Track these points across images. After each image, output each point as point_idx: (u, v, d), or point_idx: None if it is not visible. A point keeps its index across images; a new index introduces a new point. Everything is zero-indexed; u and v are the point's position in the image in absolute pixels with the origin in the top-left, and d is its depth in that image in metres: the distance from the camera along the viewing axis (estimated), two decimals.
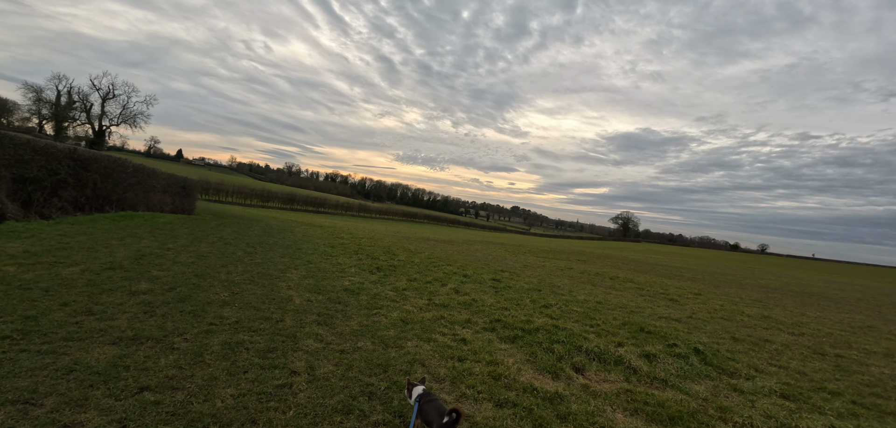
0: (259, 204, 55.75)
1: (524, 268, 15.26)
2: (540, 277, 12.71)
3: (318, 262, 10.18)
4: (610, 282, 13.86)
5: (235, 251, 10.13)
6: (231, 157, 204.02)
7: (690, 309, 10.07)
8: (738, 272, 28.18)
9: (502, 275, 12.01)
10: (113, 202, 16.57)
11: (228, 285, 6.47)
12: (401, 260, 12.31)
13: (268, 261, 9.33)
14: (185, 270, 7.09)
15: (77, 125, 60.32)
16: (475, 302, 7.45)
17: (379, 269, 10.03)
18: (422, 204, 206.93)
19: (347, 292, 7.07)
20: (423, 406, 2.81)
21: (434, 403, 2.81)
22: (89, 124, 61.13)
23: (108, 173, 15.83)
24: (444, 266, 12.23)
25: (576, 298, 9.53)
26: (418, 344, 4.80)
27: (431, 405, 2.78)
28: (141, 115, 62.23)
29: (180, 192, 23.93)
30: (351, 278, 8.44)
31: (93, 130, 61.04)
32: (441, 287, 8.68)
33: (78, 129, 60.47)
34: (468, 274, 11.07)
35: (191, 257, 8.44)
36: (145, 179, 18.78)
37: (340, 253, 12.43)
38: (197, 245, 10.26)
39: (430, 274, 10.32)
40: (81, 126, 60.83)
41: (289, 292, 6.56)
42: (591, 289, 11.56)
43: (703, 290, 14.43)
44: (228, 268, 7.88)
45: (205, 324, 4.51)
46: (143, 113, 62.28)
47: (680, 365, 5.23)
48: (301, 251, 11.73)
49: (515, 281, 11.07)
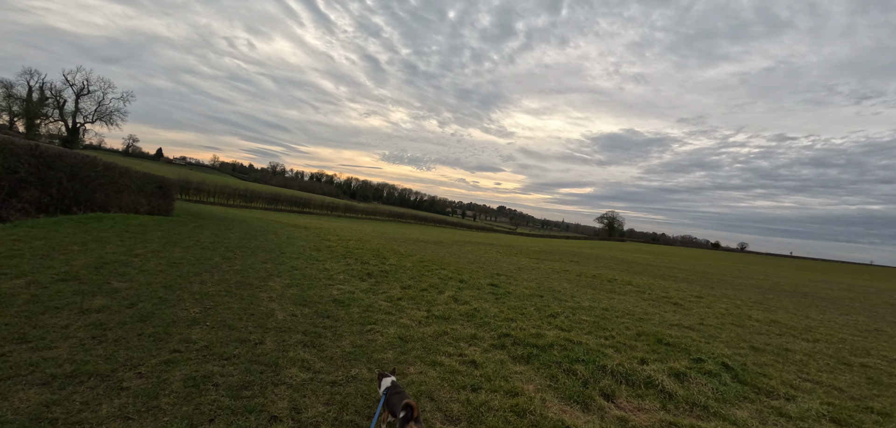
0: (242, 204, 54.15)
1: (519, 271, 14.69)
2: (538, 281, 12.14)
3: (304, 267, 9.41)
4: (609, 285, 13.38)
5: (212, 257, 9.28)
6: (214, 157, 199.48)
7: (698, 314, 9.61)
8: (728, 272, 28.18)
9: (499, 279, 11.40)
10: (81, 203, 15.46)
11: (201, 298, 5.68)
12: (392, 264, 11.60)
13: (248, 267, 8.53)
14: (151, 281, 6.26)
15: (50, 122, 57.65)
16: (477, 312, 6.80)
17: (370, 275, 9.30)
18: (408, 204, 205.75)
19: (337, 304, 6.34)
20: (390, 398, 2.88)
21: (400, 394, 2.86)
22: (62, 121, 58.52)
23: (75, 172, 14.72)
24: (438, 270, 11.56)
25: (581, 304, 8.97)
26: (422, 369, 4.12)
27: (397, 397, 2.83)
28: (117, 113, 59.73)
29: (157, 193, 22.71)
30: (340, 286, 7.71)
31: (66, 128, 58.39)
32: (438, 295, 8.01)
33: (50, 127, 57.81)
34: (464, 279, 10.42)
35: (160, 264, 7.60)
36: (117, 179, 17.63)
37: (327, 257, 11.65)
38: (170, 250, 9.38)
39: (425, 279, 9.64)
40: (54, 123, 58.17)
41: (270, 305, 5.81)
42: (593, 293, 11.03)
43: (703, 292, 14.06)
44: (203, 277, 7.07)
45: (167, 351, 3.75)
46: (120, 110, 59.80)
47: (714, 385, 4.67)
48: (285, 255, 10.92)
49: (514, 286, 10.47)
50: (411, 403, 2.62)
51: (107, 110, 60.12)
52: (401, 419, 2.60)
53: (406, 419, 2.58)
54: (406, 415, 2.58)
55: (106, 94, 59.23)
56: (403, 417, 2.59)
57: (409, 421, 2.58)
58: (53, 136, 56.90)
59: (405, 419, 2.58)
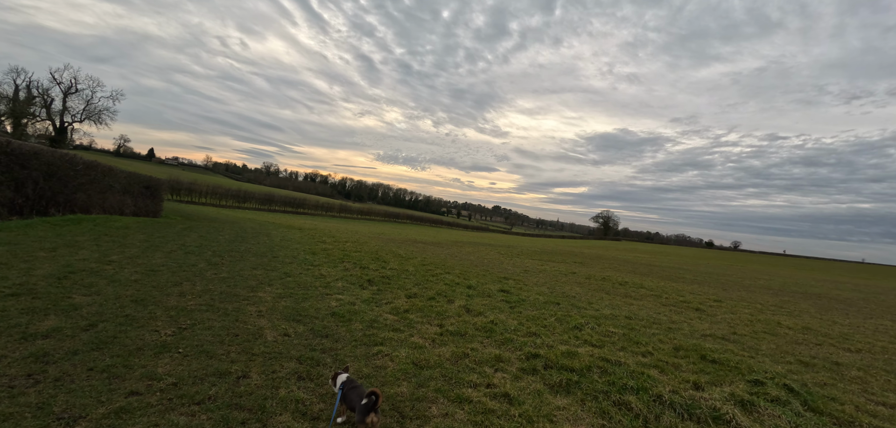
0: (235, 205, 53.04)
1: (526, 273, 13.94)
2: (549, 286, 11.38)
3: (298, 274, 8.58)
4: (622, 288, 12.66)
5: (197, 263, 8.42)
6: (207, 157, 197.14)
7: (726, 321, 8.90)
8: (732, 272, 27.63)
9: (508, 284, 10.64)
10: (60, 204, 14.51)
11: (176, 316, 4.84)
12: (393, 269, 10.79)
13: (236, 275, 7.68)
14: (121, 294, 5.41)
15: (37, 122, 56.04)
16: (495, 326, 6.02)
17: (370, 281, 8.49)
18: (404, 204, 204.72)
19: (336, 319, 5.53)
20: (347, 393, 2.85)
21: (357, 389, 2.85)
22: (50, 121, 56.95)
23: (52, 171, 13.77)
24: (443, 275, 10.77)
25: (602, 312, 8.22)
26: (447, 408, 3.32)
27: (354, 391, 2.81)
28: (107, 112, 58.18)
29: (144, 193, 21.73)
30: (339, 296, 6.89)
31: (54, 127, 56.84)
32: (448, 304, 7.21)
33: (38, 127, 56.21)
34: (472, 284, 9.64)
35: (136, 273, 6.74)
36: (100, 178, 16.65)
37: (324, 261, 10.81)
38: (150, 255, 8.51)
39: (431, 286, 8.85)
40: (42, 123, 56.58)
41: (259, 323, 4.98)
42: (610, 299, 10.30)
43: (720, 296, 13.38)
44: (183, 287, 6.22)
45: (122, 393, 2.92)
46: (109, 109, 58.24)
47: (789, 416, 3.92)
48: (277, 260, 10.07)
49: (525, 292, 9.71)
50: (377, 391, 2.62)
51: (96, 109, 58.51)
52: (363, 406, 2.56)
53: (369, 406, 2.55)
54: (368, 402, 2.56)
55: (95, 93, 57.64)
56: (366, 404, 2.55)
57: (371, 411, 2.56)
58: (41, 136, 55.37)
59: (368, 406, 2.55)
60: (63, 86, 56.37)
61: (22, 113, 54.02)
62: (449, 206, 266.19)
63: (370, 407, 2.59)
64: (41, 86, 55.41)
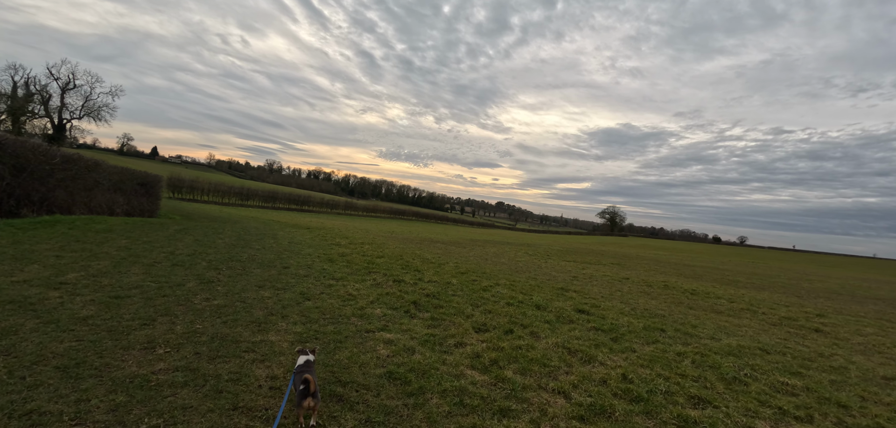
0: (238, 202, 51.08)
1: (575, 280, 11.82)
2: (622, 299, 9.24)
3: (318, 292, 6.49)
4: (695, 299, 10.53)
5: (185, 279, 6.35)
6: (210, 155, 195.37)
7: (861, 346, 6.76)
8: (781, 273, 25.36)
9: (574, 297, 8.54)
10: (34, 204, 12.50)
11: (127, 403, 2.76)
12: (433, 281, 8.70)
13: (236, 299, 5.60)
14: (47, 350, 3.33)
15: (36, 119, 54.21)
16: (633, 386, 3.91)
17: (417, 305, 6.35)
18: (408, 201, 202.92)
19: (398, 387, 3.41)
20: (296, 375, 2.86)
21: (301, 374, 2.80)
22: (47, 118, 55.10)
23: (22, 165, 11.75)
24: (494, 288, 8.67)
25: (724, 343, 6.09)
26: None
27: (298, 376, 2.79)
28: (106, 108, 56.23)
29: (138, 190, 19.70)
30: (384, 334, 4.79)
31: (52, 124, 55.01)
32: (537, 342, 5.10)
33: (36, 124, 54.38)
34: (540, 304, 7.52)
35: (92, 304, 4.67)
36: (83, 174, 14.63)
37: (346, 272, 8.72)
38: (124, 271, 6.45)
39: (492, 308, 6.74)
40: (40, 120, 54.75)
41: (274, 406, 2.90)
42: (706, 317, 8.18)
43: (820, 308, 11.20)
44: (155, 328, 4.14)
45: None
46: (109, 105, 56.31)
47: None
48: (289, 272, 7.98)
49: (605, 311, 7.60)
50: (309, 378, 2.65)
51: (95, 106, 56.60)
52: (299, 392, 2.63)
53: (303, 394, 2.61)
54: (304, 389, 2.62)
55: (94, 89, 55.75)
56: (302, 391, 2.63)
57: (307, 396, 2.61)
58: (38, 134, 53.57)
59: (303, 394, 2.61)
60: (60, 82, 54.50)
61: (20, 110, 52.22)
62: (452, 203, 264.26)
63: (303, 395, 2.62)
64: (39, 82, 53.61)
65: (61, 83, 54.54)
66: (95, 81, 55.91)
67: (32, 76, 53.10)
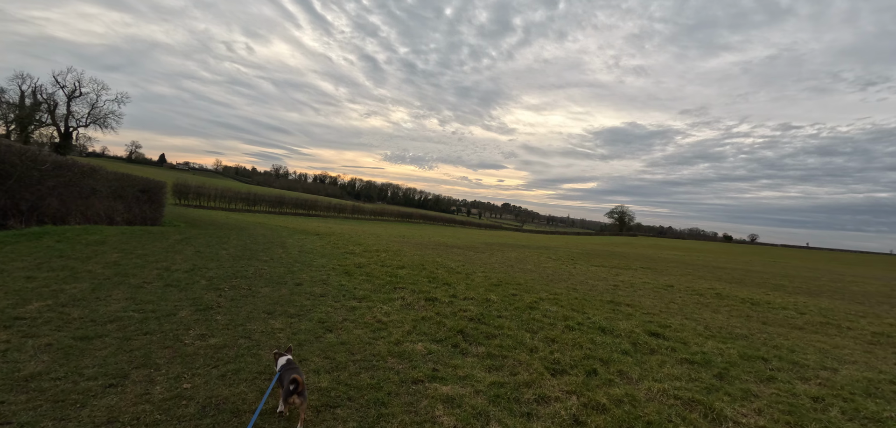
0: (245, 208, 50.25)
1: (616, 290, 10.55)
2: (685, 315, 7.97)
3: (340, 320, 5.31)
4: (745, 308, 9.24)
5: (178, 307, 5.19)
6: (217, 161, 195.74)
7: None
8: (790, 272, 23.82)
9: (626, 311, 7.30)
10: (23, 214, 11.46)
11: None
12: (471, 299, 7.49)
13: (239, 331, 4.44)
14: None
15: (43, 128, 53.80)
16: None
17: (463, 334, 5.13)
18: (414, 203, 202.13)
19: None
20: (283, 374, 2.83)
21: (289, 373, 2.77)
22: (54, 126, 54.65)
23: (7, 171, 10.71)
24: (541, 305, 7.44)
25: (834, 372, 4.82)
26: None
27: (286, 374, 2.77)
28: (112, 115, 55.68)
29: (139, 198, 18.70)
30: (436, 383, 3.59)
31: (58, 132, 54.57)
32: (633, 388, 3.87)
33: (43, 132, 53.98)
34: (600, 324, 6.28)
35: (48, 350, 3.52)
36: (78, 181, 13.60)
37: (366, 286, 7.54)
38: (104, 296, 5.31)
39: (550, 332, 5.52)
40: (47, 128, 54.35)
41: None
42: (762, 329, 6.89)
43: (846, 309, 9.84)
44: (125, 385, 2.98)
45: None
46: (115, 112, 55.75)
47: None
48: (303, 292, 6.81)
49: (676, 331, 6.35)
50: (298, 378, 2.62)
51: (101, 113, 56.09)
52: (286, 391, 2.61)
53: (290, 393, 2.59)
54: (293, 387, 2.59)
55: (100, 97, 55.24)
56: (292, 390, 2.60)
57: (294, 394, 2.59)
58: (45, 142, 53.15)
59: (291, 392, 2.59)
60: (66, 90, 54.04)
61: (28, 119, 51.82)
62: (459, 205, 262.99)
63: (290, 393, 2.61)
64: (45, 91, 53.22)
65: (67, 91, 54.05)
66: (101, 89, 55.34)
67: (39, 85, 52.69)
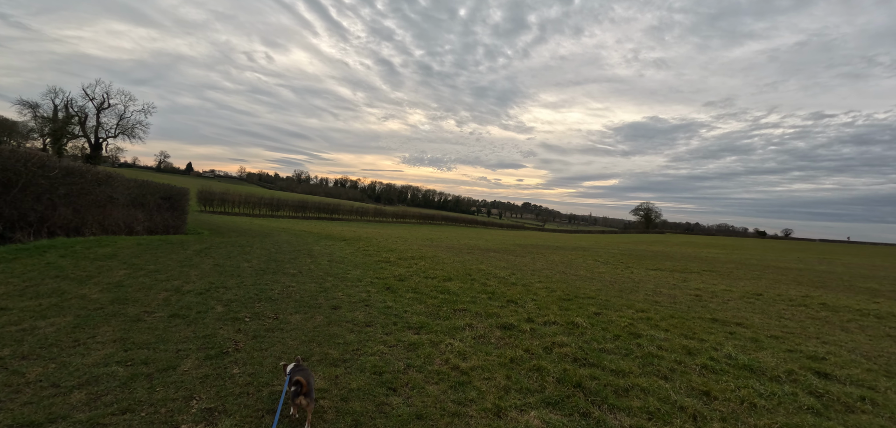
0: (269, 213, 49.94)
1: (701, 302, 8.81)
2: (801, 331, 6.23)
3: (402, 368, 3.86)
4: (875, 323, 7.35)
5: (181, 353, 3.85)
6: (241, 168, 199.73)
7: None
8: (839, 271, 21.21)
9: (744, 333, 5.62)
10: (31, 225, 10.52)
11: None
12: (548, 321, 5.96)
13: (264, 400, 3.06)
14: None
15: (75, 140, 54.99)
16: None
17: (579, 386, 3.62)
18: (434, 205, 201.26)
19: None
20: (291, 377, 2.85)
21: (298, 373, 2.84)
22: (85, 137, 55.75)
23: (11, 180, 9.74)
24: (634, 326, 5.84)
25: None
26: None
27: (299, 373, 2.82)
28: (139, 125, 56.52)
29: (161, 205, 17.80)
30: None
31: (89, 144, 55.62)
32: None
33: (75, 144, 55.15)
34: (741, 361, 4.65)
35: None
36: (92, 188, 12.66)
37: (418, 308, 6.10)
38: (88, 333, 4.02)
39: (683, 376, 3.95)
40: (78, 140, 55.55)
41: None
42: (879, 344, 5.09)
43: None
44: None
45: None
46: (142, 122, 56.58)
47: None
48: (341, 316, 5.41)
49: (835, 367, 4.67)
50: (301, 380, 2.69)
51: (129, 124, 57.02)
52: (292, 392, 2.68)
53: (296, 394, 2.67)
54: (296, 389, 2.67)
55: (127, 107, 56.17)
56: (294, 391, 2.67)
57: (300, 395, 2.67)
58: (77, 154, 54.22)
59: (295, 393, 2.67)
60: (95, 102, 54.97)
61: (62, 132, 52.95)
62: (479, 205, 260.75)
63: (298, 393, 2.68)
64: (76, 104, 54.30)
65: (96, 103, 54.96)
66: (129, 100, 56.18)
67: (70, 98, 53.75)
